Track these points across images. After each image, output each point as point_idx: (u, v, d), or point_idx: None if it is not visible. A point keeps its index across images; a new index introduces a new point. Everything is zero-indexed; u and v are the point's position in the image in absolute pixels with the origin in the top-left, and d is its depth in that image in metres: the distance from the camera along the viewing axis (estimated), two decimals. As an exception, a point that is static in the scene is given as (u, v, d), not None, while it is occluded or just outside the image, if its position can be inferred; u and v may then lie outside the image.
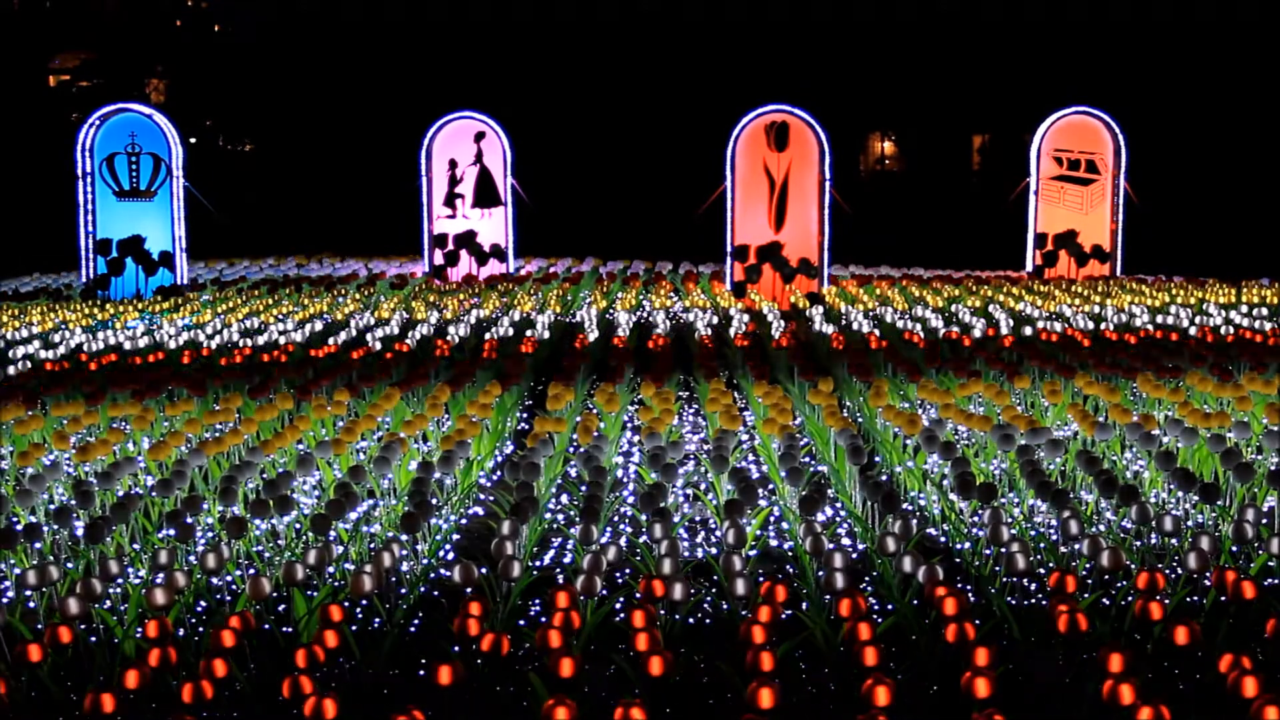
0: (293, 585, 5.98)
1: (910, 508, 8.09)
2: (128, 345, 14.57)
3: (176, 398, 10.66)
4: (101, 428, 9.86)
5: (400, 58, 34.90)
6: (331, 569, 6.63)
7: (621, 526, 7.87)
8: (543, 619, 6.17)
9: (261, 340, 14.69)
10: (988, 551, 6.71)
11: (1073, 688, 5.28)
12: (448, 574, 6.60)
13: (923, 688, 5.43)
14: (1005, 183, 24.43)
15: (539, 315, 16.50)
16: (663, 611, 5.84)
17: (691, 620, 6.25)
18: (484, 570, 6.32)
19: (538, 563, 7.24)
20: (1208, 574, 6.10)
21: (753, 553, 6.99)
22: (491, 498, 8.23)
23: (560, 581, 6.44)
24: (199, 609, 6.40)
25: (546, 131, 32.34)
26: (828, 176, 20.09)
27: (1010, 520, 7.06)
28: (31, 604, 6.29)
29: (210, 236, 24.51)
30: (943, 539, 7.46)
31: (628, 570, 6.92)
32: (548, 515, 8.04)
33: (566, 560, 7.25)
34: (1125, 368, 11.49)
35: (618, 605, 6.30)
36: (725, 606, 6.32)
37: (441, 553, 7.32)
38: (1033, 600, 6.37)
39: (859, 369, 11.50)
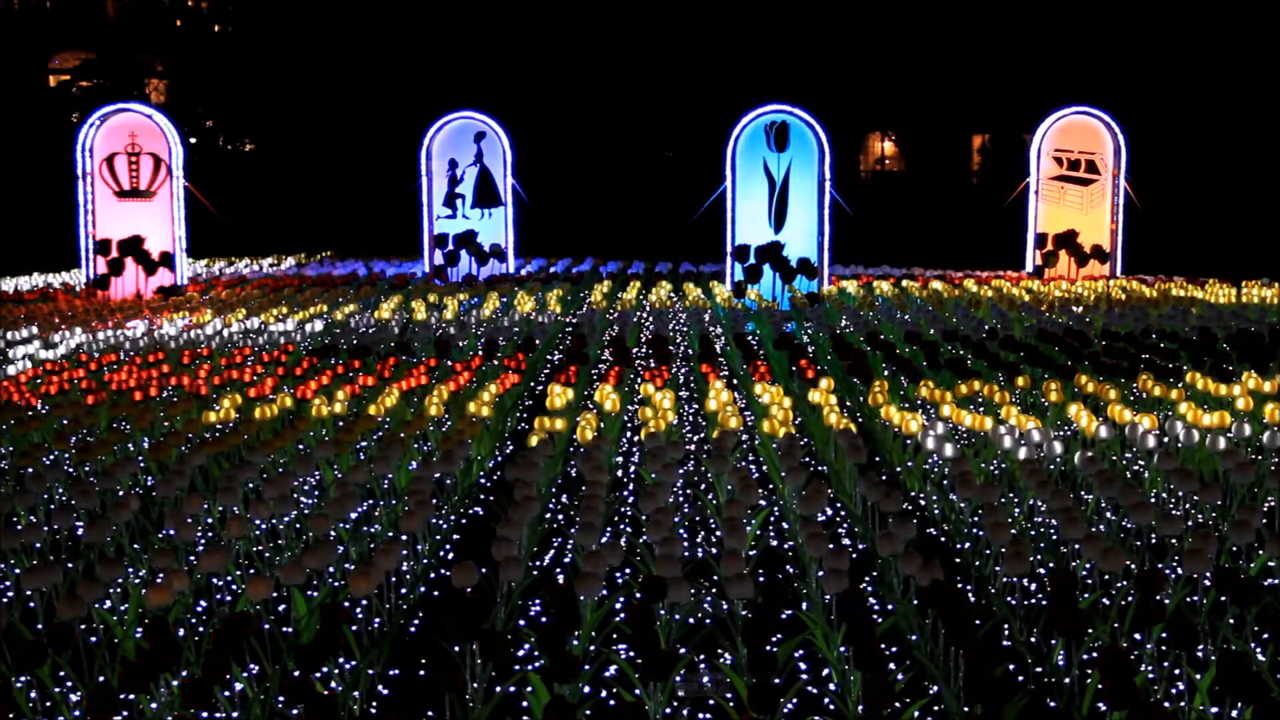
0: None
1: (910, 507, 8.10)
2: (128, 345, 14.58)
3: (176, 398, 10.67)
4: (101, 428, 9.86)
5: (400, 58, 34.89)
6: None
7: (622, 526, 7.88)
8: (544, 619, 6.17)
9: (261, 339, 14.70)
10: (987, 551, 6.71)
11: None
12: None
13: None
14: (1005, 183, 24.43)
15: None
16: (663, 611, 5.85)
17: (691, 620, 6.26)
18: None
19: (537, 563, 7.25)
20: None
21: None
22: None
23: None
24: (199, 609, 6.41)
25: (546, 131, 32.34)
26: (828, 176, 20.08)
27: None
28: (31, 604, 6.29)
29: (210, 236, 24.51)
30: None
31: (628, 570, 6.92)
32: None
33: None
34: (1126, 368, 11.49)
35: (618, 605, 6.31)
36: (725, 607, 6.32)
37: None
38: (1032, 600, 6.38)
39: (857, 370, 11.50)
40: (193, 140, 33.39)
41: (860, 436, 8.55)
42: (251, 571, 6.74)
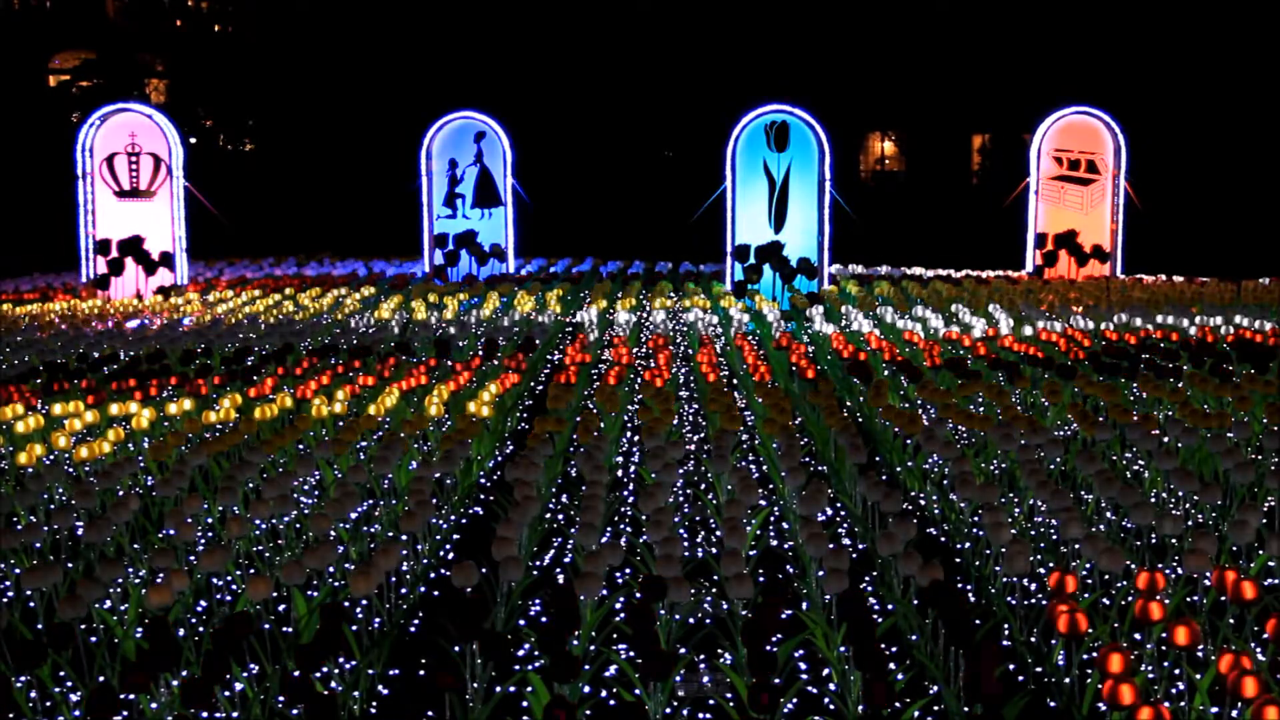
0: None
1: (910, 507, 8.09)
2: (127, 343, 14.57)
3: (176, 396, 10.66)
4: (101, 427, 9.86)
5: (400, 58, 34.86)
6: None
7: (622, 526, 7.87)
8: (543, 618, 6.15)
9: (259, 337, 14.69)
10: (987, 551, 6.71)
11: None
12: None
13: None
14: (1005, 183, 24.41)
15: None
16: (663, 611, 5.84)
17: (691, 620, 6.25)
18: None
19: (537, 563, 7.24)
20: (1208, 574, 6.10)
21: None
22: None
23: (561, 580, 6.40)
24: (199, 608, 6.41)
25: (546, 131, 32.31)
26: (828, 176, 20.08)
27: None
28: (31, 604, 6.29)
29: (210, 236, 24.50)
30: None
31: (628, 570, 6.92)
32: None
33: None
34: (1125, 368, 11.49)
35: (618, 605, 6.30)
36: (725, 606, 6.32)
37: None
38: (1032, 600, 6.38)
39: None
40: (193, 140, 33.37)
41: (860, 436, 8.54)
42: (251, 571, 6.74)
